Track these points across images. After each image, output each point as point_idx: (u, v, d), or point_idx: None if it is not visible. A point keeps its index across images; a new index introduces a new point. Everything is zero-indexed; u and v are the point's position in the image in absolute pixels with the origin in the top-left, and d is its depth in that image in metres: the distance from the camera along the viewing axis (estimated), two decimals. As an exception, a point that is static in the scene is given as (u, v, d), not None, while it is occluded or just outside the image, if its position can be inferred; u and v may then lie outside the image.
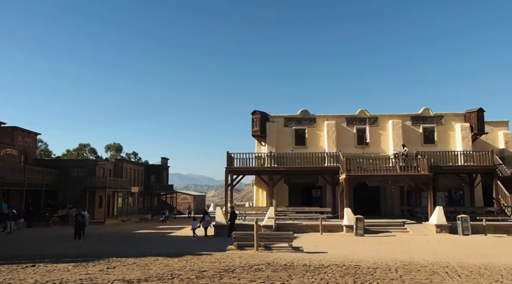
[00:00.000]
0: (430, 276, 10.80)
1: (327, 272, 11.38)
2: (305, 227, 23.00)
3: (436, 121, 29.50)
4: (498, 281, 10.16)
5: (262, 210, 25.87)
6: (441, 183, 28.30)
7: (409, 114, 29.75)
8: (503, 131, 30.49)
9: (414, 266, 12.28)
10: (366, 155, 27.88)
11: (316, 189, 29.13)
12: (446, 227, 22.08)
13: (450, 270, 11.55)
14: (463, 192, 28.56)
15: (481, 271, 11.50)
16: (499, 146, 30.06)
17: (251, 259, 13.64)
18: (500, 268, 11.91)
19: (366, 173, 24.52)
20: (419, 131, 29.40)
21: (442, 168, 25.87)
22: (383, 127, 29.56)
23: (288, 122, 30.14)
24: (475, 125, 28.63)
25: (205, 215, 23.23)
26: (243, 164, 27.57)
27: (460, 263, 12.72)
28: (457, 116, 29.49)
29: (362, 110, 29.98)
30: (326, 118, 29.83)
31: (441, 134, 29.27)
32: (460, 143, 28.51)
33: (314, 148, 29.24)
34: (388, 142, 29.13)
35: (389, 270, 11.54)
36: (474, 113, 28.74)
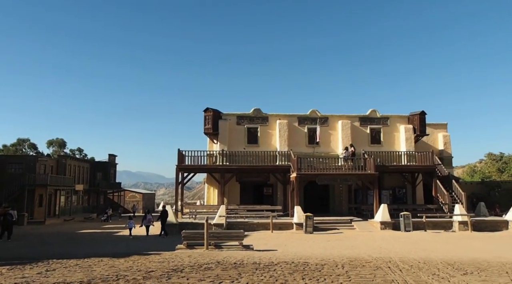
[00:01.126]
0: (374, 271, 11.19)
1: (276, 269, 11.46)
2: (256, 225, 23.10)
3: (383, 123, 30.75)
4: (435, 274, 10.73)
5: (213, 209, 25.68)
6: (386, 182, 29.56)
7: (358, 115, 30.78)
8: (443, 133, 32.40)
9: (359, 262, 12.67)
10: (317, 154, 28.51)
11: (268, 188, 29.38)
12: (389, 224, 23.06)
13: (393, 265, 12.04)
14: (406, 190, 30.04)
15: (420, 265, 12.09)
16: (438, 147, 31.91)
17: (200, 258, 13.46)
18: (437, 262, 12.59)
19: (316, 172, 25.06)
20: (366, 132, 30.49)
21: (387, 168, 27.01)
22: (333, 127, 30.36)
23: (240, 120, 30.13)
24: (417, 127, 30.17)
25: (147, 214, 22.94)
26: (195, 161, 27.22)
27: (401, 258, 13.30)
28: (402, 118, 30.92)
29: (313, 110, 30.60)
30: (279, 117, 30.15)
31: (387, 135, 30.56)
32: (404, 144, 29.92)
33: (266, 146, 29.47)
34: (337, 142, 29.95)
35: (336, 266, 11.83)
36: (417, 115, 30.27)
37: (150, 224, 22.65)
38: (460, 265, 12.08)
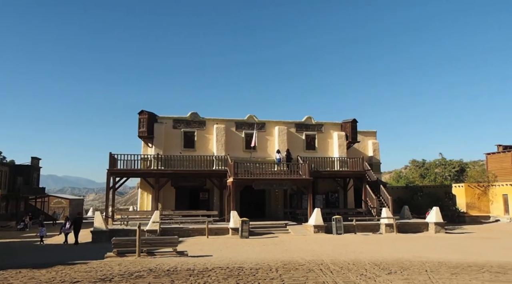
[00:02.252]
0: (306, 273, 11.43)
1: (211, 275, 11.30)
2: (191, 230, 22.67)
3: (317, 129, 31.77)
4: (362, 275, 11.21)
5: (147, 214, 24.80)
6: (320, 187, 30.52)
7: (294, 121, 31.51)
8: (372, 140, 34.21)
9: (293, 265, 12.89)
10: (254, 159, 28.72)
11: (204, 193, 29.01)
12: (322, 227, 23.78)
13: (324, 267, 12.39)
14: (338, 195, 31.23)
15: (349, 266, 12.57)
16: (368, 153, 33.62)
17: (131, 266, 12.89)
18: (365, 263, 13.18)
19: (253, 176, 25.21)
20: (302, 138, 31.31)
21: (321, 173, 27.91)
22: (270, 133, 30.79)
23: (177, 124, 29.51)
24: (349, 134, 31.56)
25: (67, 221, 21.70)
26: (128, 166, 26.16)
27: (333, 260, 13.75)
28: (335, 125, 32.17)
29: (250, 115, 30.84)
30: (216, 122, 29.99)
31: (321, 141, 31.61)
32: (337, 150, 31.13)
33: (203, 151, 29.14)
34: (274, 148, 30.41)
35: (270, 270, 11.93)
36: (349, 123, 31.68)
37: (70, 231, 21.39)
38: (386, 265, 12.75)
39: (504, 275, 10.90)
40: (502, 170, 38.06)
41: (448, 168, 49.10)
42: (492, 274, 11.04)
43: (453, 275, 11.00)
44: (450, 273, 11.30)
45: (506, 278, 10.48)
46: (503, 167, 38.22)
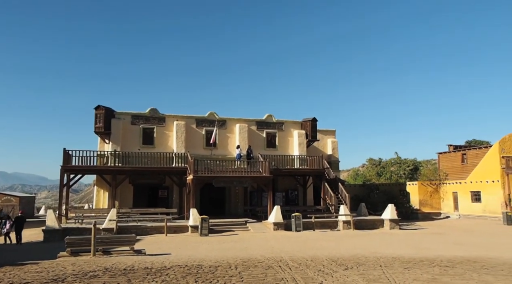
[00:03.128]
0: (265, 270, 11.48)
1: (169, 273, 11.10)
2: (149, 229, 22.19)
3: (278, 127, 32.04)
4: (320, 271, 11.40)
5: (103, 212, 24.04)
6: (280, 184, 30.80)
7: (255, 119, 31.60)
8: (331, 139, 34.94)
9: (252, 262, 12.91)
10: (214, 156, 28.53)
11: (163, 190, 28.49)
12: (282, 224, 24.01)
13: (283, 264, 12.50)
14: (298, 192, 31.66)
15: (308, 262, 12.75)
16: (327, 152, 34.30)
17: (86, 266, 12.42)
18: (323, 259, 13.43)
19: (213, 174, 25.04)
20: (262, 136, 31.46)
21: (281, 171, 28.16)
22: (230, 130, 30.70)
23: (135, 120, 28.78)
24: (309, 133, 32.06)
25: (7, 220, 20.59)
26: (83, 162, 25.23)
27: (291, 257, 13.89)
28: (295, 123, 32.57)
29: (211, 112, 30.61)
30: (176, 118, 29.51)
31: (282, 139, 31.91)
32: (297, 148, 31.54)
33: (163, 148, 28.60)
34: (235, 145, 30.35)
35: (230, 268, 11.88)
36: (309, 122, 32.18)
37: (11, 230, 20.30)
38: (343, 261, 13.04)
39: (453, 269, 11.44)
40: (453, 169, 40.06)
41: (403, 166, 51.08)
42: (441, 268, 11.55)
43: (405, 269, 11.42)
44: (403, 267, 11.72)
45: (454, 272, 11.00)
46: (453, 166, 40.23)
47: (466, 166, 38.38)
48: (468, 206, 36.34)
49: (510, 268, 11.54)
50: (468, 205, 36.39)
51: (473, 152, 38.65)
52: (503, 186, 32.85)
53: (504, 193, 32.67)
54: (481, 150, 37.79)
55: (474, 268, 11.54)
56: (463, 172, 38.34)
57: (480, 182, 35.33)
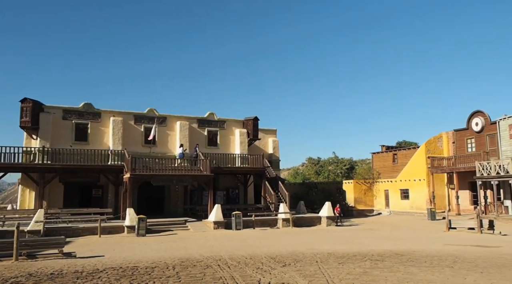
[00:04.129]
0: (204, 270, 11.30)
1: (101, 276, 10.53)
2: (81, 230, 21.02)
3: (220, 126, 31.86)
4: (259, 268, 11.44)
5: (29, 213, 22.39)
6: (221, 183, 30.65)
7: (196, 117, 31.16)
8: (272, 138, 35.41)
9: (191, 262, 12.65)
10: (153, 154, 27.72)
11: (97, 189, 27.15)
12: (222, 223, 23.89)
13: (222, 263, 12.39)
14: (238, 191, 31.71)
15: (247, 261, 12.75)
16: (268, 151, 34.72)
17: (7, 272, 11.42)
18: (262, 256, 13.50)
19: (151, 172, 24.31)
20: (204, 134, 31.11)
21: (223, 169, 28.03)
22: (171, 128, 30.00)
23: (67, 114, 27.13)
24: (251, 132, 32.24)
25: None
26: (7, 159, 23.33)
27: (231, 255, 13.82)
28: (237, 122, 32.58)
29: (151, 109, 29.70)
30: (113, 114, 28.26)
31: (223, 138, 31.77)
32: (239, 147, 31.58)
33: (98, 145, 27.25)
34: (175, 143, 29.72)
35: (167, 268, 11.55)
36: (251, 120, 32.35)
37: None
38: (281, 258, 13.20)
39: (382, 262, 12.02)
40: (385, 168, 42.33)
41: (340, 165, 53.09)
42: (372, 262, 12.09)
43: (340, 264, 11.80)
44: (337, 262, 12.10)
45: (384, 265, 11.56)
46: (385, 165, 42.52)
47: (397, 166, 40.74)
48: (398, 203, 38.60)
49: (432, 260, 12.36)
50: (397, 202, 38.65)
51: (403, 153, 41.12)
52: (428, 185, 35.27)
53: (429, 191, 35.09)
54: (410, 150, 40.30)
55: (401, 261, 12.21)
56: (394, 171, 40.66)
57: (408, 180, 37.65)
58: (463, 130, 34.86)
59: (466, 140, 34.53)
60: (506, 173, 27.31)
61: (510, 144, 30.07)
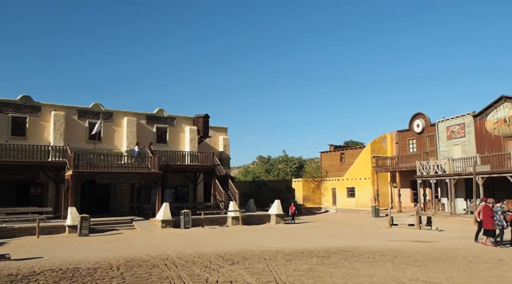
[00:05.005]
0: (150, 270, 10.98)
1: (38, 279, 9.90)
2: (17, 230, 19.72)
3: (169, 122, 31.21)
4: (207, 267, 11.31)
5: (-43, 214, 20.66)
6: (170, 181, 30.05)
7: (145, 113, 30.32)
8: (223, 136, 35.26)
9: (136, 262, 12.26)
10: (98, 151, 26.61)
11: (36, 187, 25.61)
12: (170, 222, 23.43)
13: (169, 262, 12.11)
14: (188, 189, 31.26)
15: (194, 259, 12.56)
16: (219, 149, 34.53)
17: None
18: (210, 255, 13.37)
19: (96, 169, 23.32)
20: (153, 130, 30.34)
21: (171, 167, 27.47)
22: (118, 124, 28.95)
23: (3, 107, 25.32)
24: (201, 129, 31.89)
25: None
26: None
27: (178, 255, 13.55)
28: (187, 119, 32.09)
29: (96, 103, 28.48)
30: (54, 108, 26.77)
31: (173, 135, 31.16)
32: (189, 144, 31.13)
33: (37, 140, 25.68)
34: (122, 139, 28.73)
35: (111, 269, 11.10)
36: (202, 118, 31.99)
37: None
38: (229, 256, 13.13)
39: (328, 259, 12.32)
40: (333, 167, 43.60)
41: (289, 164, 53.95)
42: (319, 258, 12.36)
43: (287, 261, 11.94)
44: (285, 259, 12.24)
45: (329, 261, 11.86)
46: (333, 164, 43.80)
47: (344, 165, 42.11)
48: (345, 201, 39.92)
49: (374, 255, 12.85)
50: (344, 200, 39.97)
51: (350, 152, 42.57)
52: (373, 183, 36.78)
53: (373, 189, 36.60)
54: (356, 150, 41.80)
55: (346, 257, 12.58)
56: (341, 170, 41.99)
57: (354, 179, 39.04)
58: (405, 131, 36.68)
59: (408, 141, 36.37)
60: (443, 172, 29.07)
61: (447, 145, 32.06)
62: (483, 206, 15.47)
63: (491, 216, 14.78)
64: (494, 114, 28.26)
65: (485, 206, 15.30)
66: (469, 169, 26.51)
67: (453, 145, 31.49)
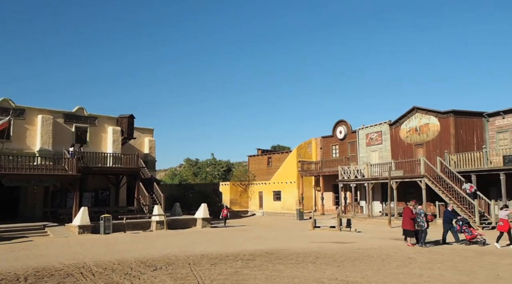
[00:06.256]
0: (63, 279, 10.19)
1: None
2: None
3: (90, 122, 29.45)
4: (127, 274, 10.76)
5: None
6: (89, 184, 28.32)
7: (62, 111, 28.29)
8: (149, 137, 34.11)
9: (48, 271, 11.30)
10: (7, 151, 24.26)
11: None
12: (89, 227, 22.06)
13: (86, 270, 11.34)
14: (109, 192, 29.69)
15: (114, 266, 11.90)
16: (144, 150, 33.33)
17: None
18: (131, 261, 12.76)
19: (4, 171, 21.23)
20: (71, 130, 28.42)
21: (92, 169, 25.92)
22: (31, 122, 26.68)
23: None
24: (126, 130, 30.52)
25: None
26: None
27: (96, 262, 12.75)
28: (110, 119, 30.55)
29: (5, 98, 25.96)
30: (-44, 102, 23.97)
31: (94, 135, 29.46)
32: (111, 146, 29.62)
33: None
34: (35, 138, 26.51)
35: (17, 280, 10.10)
36: (126, 118, 30.64)
37: None
38: (152, 262, 12.64)
39: (253, 261, 12.37)
40: (260, 170, 44.25)
41: (217, 167, 53.80)
42: (244, 262, 12.36)
43: (212, 265, 11.78)
44: (210, 264, 12.06)
45: (254, 264, 11.91)
46: (260, 168, 44.47)
47: (271, 169, 42.95)
48: (271, 204, 40.68)
49: (297, 257, 13.18)
50: (271, 203, 40.72)
51: (277, 156, 43.54)
52: (298, 187, 37.95)
53: (299, 192, 37.76)
54: (283, 154, 42.86)
55: (270, 259, 12.74)
56: (268, 173, 42.77)
57: (281, 183, 39.97)
58: (329, 137, 38.39)
59: (332, 146, 38.10)
60: (362, 176, 30.84)
61: (366, 151, 34.10)
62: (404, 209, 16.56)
63: (411, 218, 15.80)
64: (407, 123, 30.63)
65: (406, 208, 16.38)
66: (385, 174, 28.38)
67: (371, 151, 33.56)
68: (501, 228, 15.35)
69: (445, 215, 17.12)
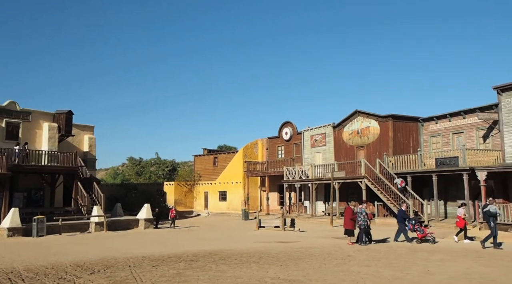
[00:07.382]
0: (-13, 286, 9.39)
1: None
2: None
3: (23, 117, 27.54)
4: (62, 278, 10.15)
5: None
6: (21, 183, 26.44)
7: (-8, 105, 26.25)
8: (89, 135, 32.55)
9: (-31, 278, 10.37)
10: None
11: None
12: (20, 230, 20.68)
13: (14, 276, 10.56)
14: (44, 192, 27.92)
15: (47, 271, 11.19)
16: (84, 148, 31.76)
17: None
18: (67, 265, 12.07)
19: None
20: (1, 126, 26.42)
21: (24, 167, 24.27)
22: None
23: None
24: (63, 126, 28.89)
25: None
26: None
27: (27, 266, 11.92)
28: (46, 115, 28.77)
29: None
30: None
31: (27, 132, 27.58)
32: (47, 143, 27.92)
33: None
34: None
35: None
36: (64, 114, 29.01)
37: None
38: (89, 265, 12.04)
39: (196, 262, 12.18)
40: (206, 170, 43.85)
41: (162, 167, 52.66)
42: (187, 263, 12.13)
43: (154, 267, 11.44)
44: (151, 265, 11.70)
45: (197, 265, 11.73)
46: (206, 168, 44.07)
47: (217, 169, 42.72)
48: (217, 204, 40.46)
49: (241, 257, 13.17)
50: (216, 204, 40.50)
51: (223, 156, 43.39)
52: (244, 187, 38.07)
53: (244, 192, 37.88)
54: (229, 154, 42.80)
55: (214, 260, 12.61)
56: (214, 173, 42.50)
57: (227, 183, 39.88)
58: (275, 138, 38.88)
59: (277, 147, 38.62)
60: (306, 177, 31.54)
61: (311, 152, 34.92)
62: (346, 209, 17.01)
63: (351, 218, 16.26)
64: (350, 126, 31.79)
65: (348, 208, 16.85)
66: (328, 174, 29.22)
67: (316, 153, 34.43)
68: (458, 224, 17.07)
69: (399, 215, 17.37)
